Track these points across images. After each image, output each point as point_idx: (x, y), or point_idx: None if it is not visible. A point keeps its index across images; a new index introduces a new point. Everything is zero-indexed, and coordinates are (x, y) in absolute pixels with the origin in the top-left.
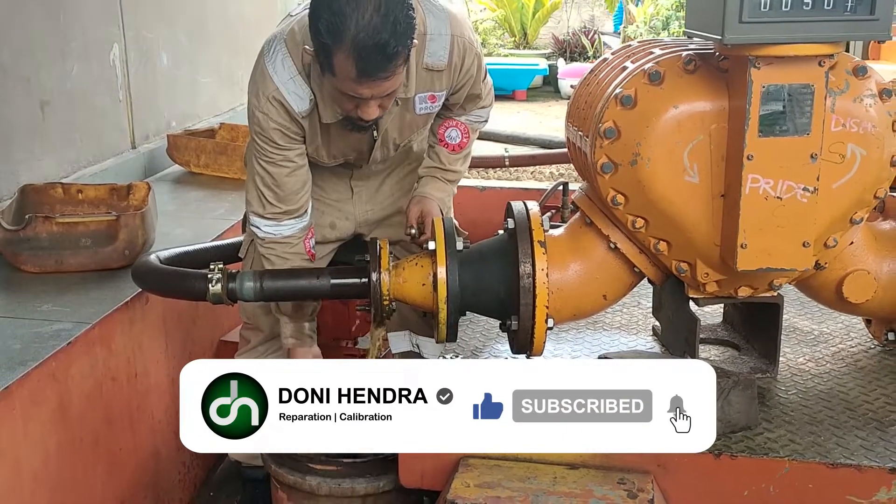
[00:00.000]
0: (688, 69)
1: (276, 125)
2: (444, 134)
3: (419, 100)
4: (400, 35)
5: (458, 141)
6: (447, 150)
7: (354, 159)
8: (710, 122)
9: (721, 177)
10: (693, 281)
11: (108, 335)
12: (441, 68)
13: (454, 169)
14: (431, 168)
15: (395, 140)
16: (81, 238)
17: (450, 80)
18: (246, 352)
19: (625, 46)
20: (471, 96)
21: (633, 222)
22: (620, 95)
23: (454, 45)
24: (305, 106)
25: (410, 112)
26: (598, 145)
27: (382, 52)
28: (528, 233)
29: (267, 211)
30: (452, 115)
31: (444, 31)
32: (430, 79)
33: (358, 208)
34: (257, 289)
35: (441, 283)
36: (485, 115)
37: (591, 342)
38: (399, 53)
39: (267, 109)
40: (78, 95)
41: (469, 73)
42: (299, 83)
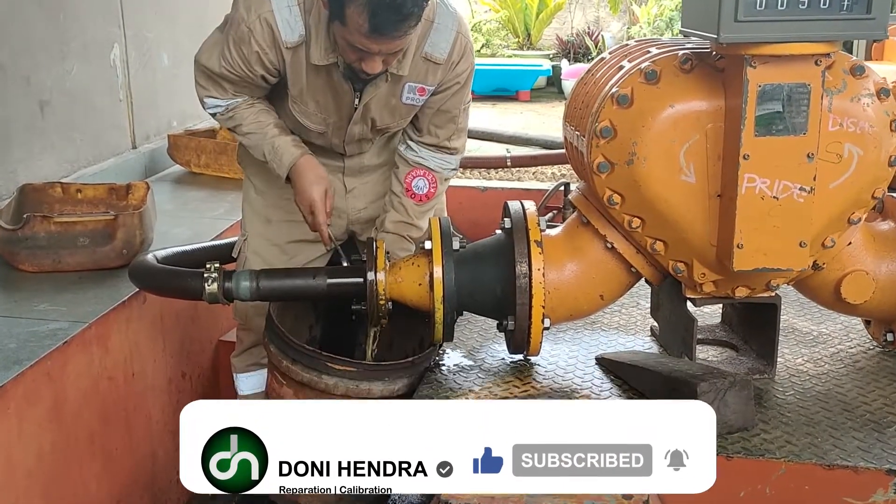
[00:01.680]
0: (684, 68)
1: (256, 46)
2: (411, 183)
3: (408, 88)
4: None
5: (426, 191)
6: (414, 201)
7: (333, 130)
8: (707, 122)
9: (717, 176)
10: (690, 281)
11: (104, 334)
12: (439, 61)
13: (419, 224)
14: (398, 224)
15: (375, 120)
16: (79, 237)
17: (442, 76)
18: (240, 353)
19: (622, 46)
20: (444, 116)
21: (629, 222)
22: (617, 94)
23: (457, 42)
24: (294, 38)
25: (396, 97)
26: (594, 145)
27: (398, 12)
28: (525, 232)
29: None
30: (421, 160)
31: (451, 25)
32: (426, 70)
33: (350, 206)
34: (253, 288)
35: (437, 282)
36: (454, 162)
37: (589, 342)
38: (414, 14)
39: (254, 26)
40: (78, 95)
41: (459, 77)
42: (295, 14)
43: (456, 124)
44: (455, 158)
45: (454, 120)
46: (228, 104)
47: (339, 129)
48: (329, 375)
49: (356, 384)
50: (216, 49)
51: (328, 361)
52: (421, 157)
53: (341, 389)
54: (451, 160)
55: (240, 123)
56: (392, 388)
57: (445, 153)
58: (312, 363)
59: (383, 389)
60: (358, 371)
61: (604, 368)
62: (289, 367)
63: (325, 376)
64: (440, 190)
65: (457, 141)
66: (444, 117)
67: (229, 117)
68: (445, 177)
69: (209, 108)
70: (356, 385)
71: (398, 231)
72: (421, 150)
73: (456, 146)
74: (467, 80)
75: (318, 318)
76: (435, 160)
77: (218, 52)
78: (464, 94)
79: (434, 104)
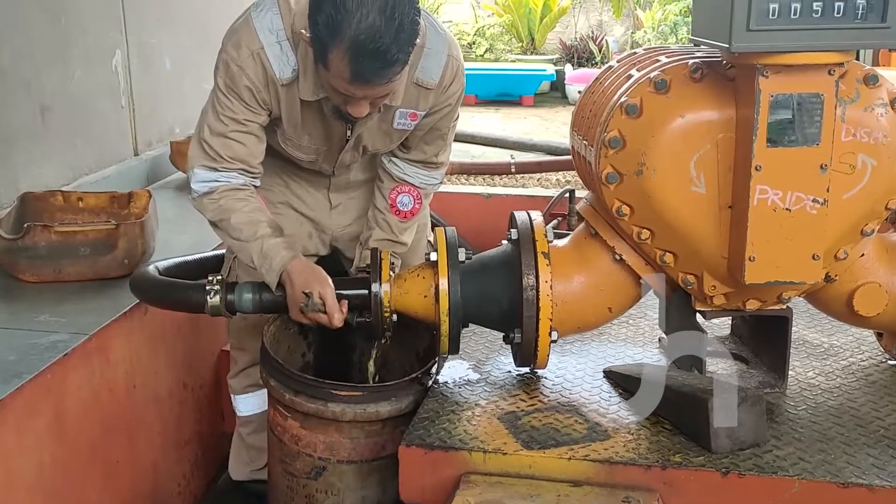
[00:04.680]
0: (694, 77)
1: (249, 83)
2: (395, 199)
3: (399, 114)
4: (402, 42)
5: (410, 207)
6: (398, 217)
7: (324, 157)
8: (718, 132)
9: (728, 188)
10: (700, 294)
11: (105, 346)
12: (430, 86)
13: (403, 241)
14: (383, 241)
15: (367, 147)
16: (80, 247)
17: (434, 100)
18: (236, 374)
19: (630, 54)
20: (433, 135)
21: (638, 233)
22: (626, 104)
23: (448, 66)
24: (288, 74)
25: (387, 123)
26: (602, 155)
27: (381, 59)
28: (532, 244)
29: (217, 162)
30: (406, 177)
31: (441, 49)
32: (417, 95)
33: (335, 222)
34: (256, 300)
35: (443, 294)
36: (439, 176)
37: (597, 355)
38: (399, 61)
39: (245, 64)
40: (79, 101)
41: (450, 99)
42: (286, 49)
43: (445, 141)
44: (440, 172)
45: (443, 137)
46: (219, 183)
47: (329, 157)
48: (335, 402)
49: (363, 408)
50: (209, 105)
51: (332, 389)
52: (406, 173)
53: (349, 415)
54: (436, 175)
55: (227, 217)
56: (399, 407)
57: (432, 168)
58: (317, 392)
59: (391, 409)
60: (364, 394)
61: (612, 382)
62: (292, 400)
63: (331, 404)
64: (424, 205)
65: (443, 155)
66: (433, 135)
67: (218, 207)
68: (429, 192)
69: (198, 183)
70: (364, 409)
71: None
72: (406, 166)
73: (442, 160)
74: (458, 100)
75: (310, 345)
76: (420, 177)
77: (211, 107)
78: (455, 113)
79: (425, 126)
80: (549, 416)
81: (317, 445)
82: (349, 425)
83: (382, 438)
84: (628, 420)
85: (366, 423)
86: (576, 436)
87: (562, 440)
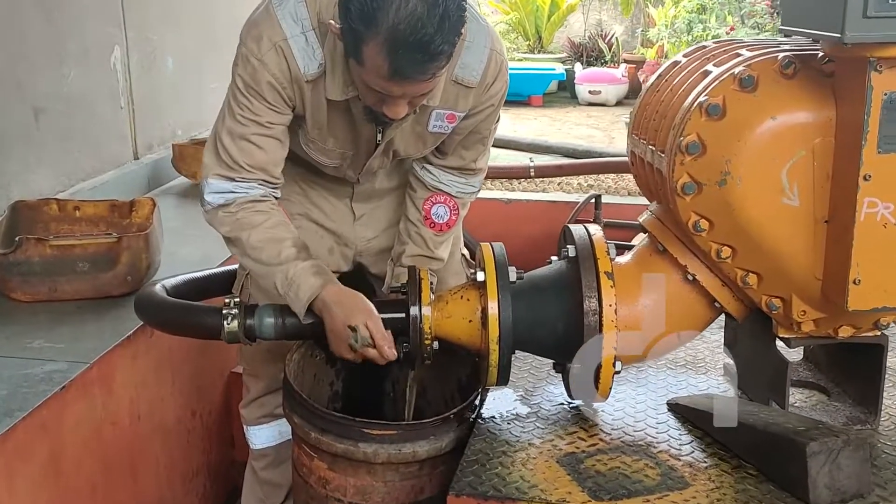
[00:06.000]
0: (786, 73)
1: (272, 79)
2: (430, 211)
3: (436, 116)
4: (448, 31)
5: (447, 219)
6: (433, 231)
7: (350, 163)
8: (814, 136)
9: (826, 199)
10: (786, 319)
11: (107, 375)
12: (471, 85)
13: (439, 256)
14: (417, 258)
15: (399, 151)
16: (78, 262)
17: (475, 101)
18: (248, 403)
19: (698, 47)
20: (473, 138)
21: (717, 251)
22: (706, 104)
23: (491, 62)
24: (314, 69)
25: (422, 126)
26: (678, 162)
27: (424, 51)
28: (593, 262)
29: (235, 171)
30: (442, 185)
31: (483, 43)
32: (456, 95)
33: (359, 235)
34: (279, 325)
35: (493, 319)
36: (477, 184)
37: (656, 383)
38: (444, 53)
39: (268, 59)
40: (75, 102)
41: (493, 99)
42: (312, 41)
43: (485, 145)
44: (478, 180)
45: (483, 141)
46: (236, 195)
47: (356, 162)
48: (367, 442)
49: (398, 448)
50: (225, 107)
51: (363, 427)
52: (441, 182)
53: (382, 457)
54: (474, 182)
55: (245, 235)
56: (439, 447)
57: (469, 175)
58: (345, 431)
59: (430, 449)
60: (399, 433)
61: (679, 416)
62: (319, 439)
63: (361, 444)
64: (460, 217)
65: (482, 160)
66: (472, 139)
67: (235, 221)
68: (466, 202)
69: (212, 195)
70: (398, 449)
71: (418, 266)
72: (442, 174)
73: (481, 166)
74: (501, 100)
75: (338, 373)
76: (457, 185)
77: (228, 107)
78: (497, 115)
79: (464, 129)
80: (615, 459)
81: (347, 489)
82: (383, 467)
83: (420, 481)
84: (706, 464)
85: (401, 464)
86: (649, 483)
87: (634, 489)
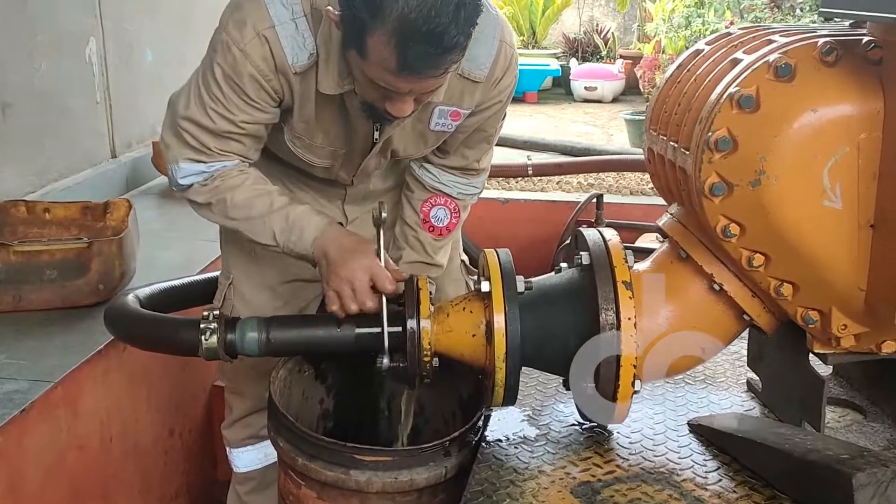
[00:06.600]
0: (826, 61)
1: (255, 71)
2: (429, 213)
3: (438, 113)
4: (463, 22)
5: (447, 223)
6: (432, 235)
7: (342, 163)
8: (859, 130)
9: (872, 201)
10: (824, 333)
11: (74, 395)
12: (479, 79)
13: (438, 262)
14: (415, 265)
15: (397, 151)
16: (45, 269)
17: (482, 96)
18: (231, 424)
19: (722, 35)
20: (477, 136)
21: (748, 259)
22: (738, 95)
23: (501, 54)
24: (304, 60)
25: (423, 123)
26: (705, 160)
27: (437, 43)
28: (610, 271)
29: (205, 156)
30: (442, 186)
31: (493, 34)
32: (461, 90)
33: None
34: (262, 341)
35: (499, 334)
36: (479, 185)
37: (674, 400)
38: (457, 46)
39: (251, 48)
40: (47, 96)
41: (501, 95)
42: (303, 29)
43: (490, 144)
44: (480, 180)
45: (488, 140)
46: (213, 169)
47: (349, 162)
48: (359, 470)
49: (394, 476)
50: (197, 90)
51: (355, 453)
52: (442, 182)
53: (376, 486)
54: (476, 183)
55: (227, 196)
56: (439, 473)
57: (472, 175)
58: (335, 458)
59: (429, 477)
60: (395, 459)
61: (702, 438)
62: (307, 466)
63: (353, 471)
64: (461, 219)
65: (486, 160)
66: (477, 137)
67: (213, 188)
68: (467, 204)
69: (184, 178)
70: (394, 477)
71: (416, 273)
72: (442, 174)
73: (484, 166)
74: (510, 96)
75: (329, 390)
76: (458, 186)
77: (197, 94)
78: (504, 112)
79: (468, 127)
80: (636, 489)
81: None
82: (377, 497)
83: None
84: (736, 494)
85: (398, 493)
86: None
87: None
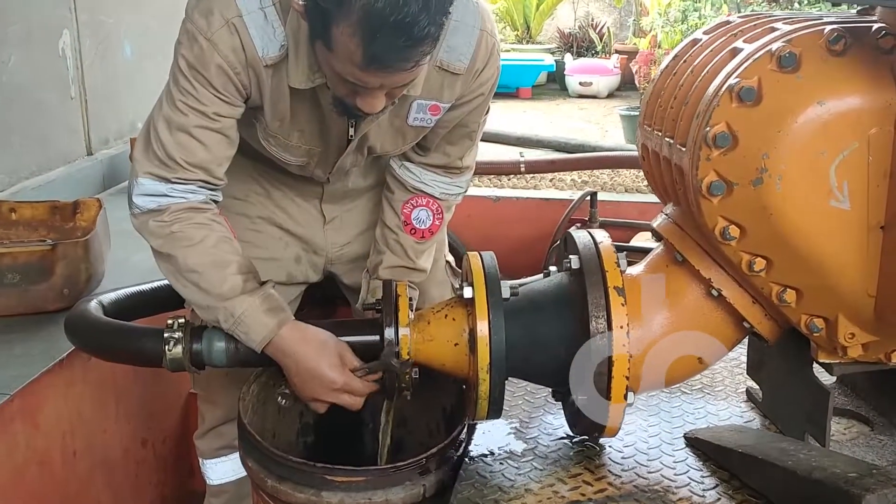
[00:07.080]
0: (834, 50)
1: (223, 62)
2: (410, 215)
3: (417, 107)
4: (434, 11)
5: (429, 225)
6: (414, 238)
7: (318, 161)
8: (870, 125)
9: (883, 201)
10: (829, 342)
11: (33, 407)
12: (458, 71)
13: (420, 267)
14: (396, 269)
15: (374, 148)
16: (7, 273)
17: (462, 89)
18: (204, 434)
19: (723, 22)
20: (459, 132)
21: (749, 263)
22: (738, 87)
23: (481, 44)
24: (274, 52)
25: (401, 118)
26: (703, 157)
27: (406, 34)
28: (601, 275)
29: (170, 170)
30: (423, 186)
31: (472, 22)
32: (441, 83)
33: (330, 240)
34: (231, 350)
35: (482, 343)
36: (464, 185)
37: (670, 411)
38: (428, 37)
39: (218, 38)
40: (17, 89)
41: (483, 87)
42: (272, 19)
43: (472, 140)
44: (464, 179)
45: (471, 136)
46: (171, 199)
47: (325, 160)
48: (331, 491)
49: (369, 496)
50: (167, 88)
51: (326, 474)
52: (424, 182)
53: None
54: (460, 182)
55: (180, 253)
56: (417, 493)
57: (455, 174)
58: (306, 479)
59: (406, 497)
60: (369, 479)
61: (699, 452)
62: (276, 488)
63: (325, 493)
64: (444, 221)
65: (469, 157)
66: (459, 133)
67: (169, 235)
68: (451, 205)
69: (142, 197)
70: (369, 498)
71: (397, 278)
72: (424, 173)
73: (468, 164)
74: (492, 89)
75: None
76: (441, 185)
77: (167, 91)
78: (486, 105)
79: (449, 122)
80: None
81: None
82: None
83: None
84: None
85: None
86: None
87: None
